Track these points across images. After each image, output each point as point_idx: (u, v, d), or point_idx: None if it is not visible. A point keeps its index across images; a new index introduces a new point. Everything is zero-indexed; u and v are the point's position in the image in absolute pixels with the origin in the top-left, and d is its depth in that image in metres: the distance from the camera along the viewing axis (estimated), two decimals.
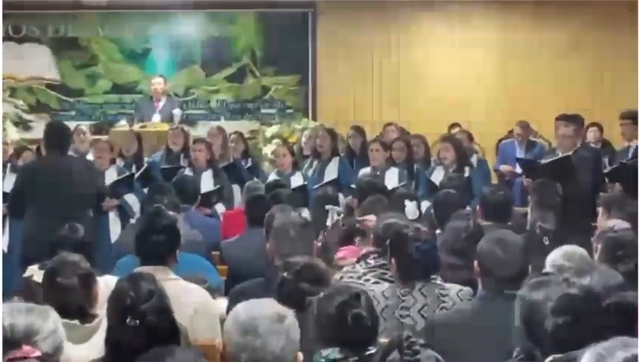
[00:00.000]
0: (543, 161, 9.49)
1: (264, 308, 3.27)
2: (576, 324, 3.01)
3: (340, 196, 9.28)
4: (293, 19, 14.89)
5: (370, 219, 6.23)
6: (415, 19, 14.78)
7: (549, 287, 3.22)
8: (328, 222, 7.74)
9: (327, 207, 7.80)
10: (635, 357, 2.24)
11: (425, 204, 8.76)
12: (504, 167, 11.88)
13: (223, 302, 5.04)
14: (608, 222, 5.45)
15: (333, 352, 3.45)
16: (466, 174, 9.80)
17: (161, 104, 12.31)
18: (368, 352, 3.45)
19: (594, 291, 3.06)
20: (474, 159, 10.98)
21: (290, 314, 3.28)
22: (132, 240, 5.02)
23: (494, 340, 3.94)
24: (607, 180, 9.51)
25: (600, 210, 6.78)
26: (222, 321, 4.76)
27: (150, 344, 3.39)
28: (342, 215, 8.07)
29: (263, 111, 14.83)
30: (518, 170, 10.43)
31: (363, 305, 3.54)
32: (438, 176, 9.67)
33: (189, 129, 11.90)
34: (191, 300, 4.67)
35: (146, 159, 10.43)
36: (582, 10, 14.41)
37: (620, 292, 3.16)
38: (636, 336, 2.90)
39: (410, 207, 7.47)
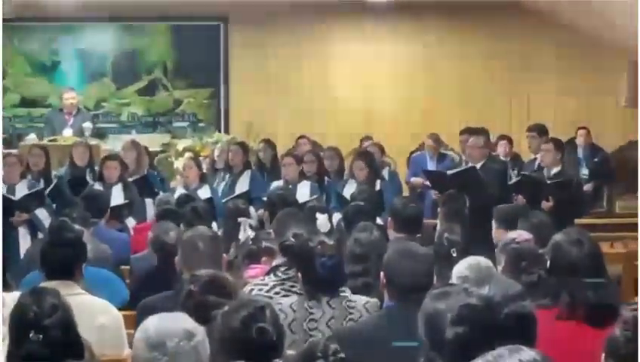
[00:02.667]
0: (449, 172, 9.63)
1: (174, 325, 3.25)
2: (476, 334, 3.05)
3: (252, 209, 9.29)
4: (205, 32, 14.86)
5: None
6: (326, 32, 14.86)
7: (449, 298, 3.27)
8: (240, 235, 7.74)
9: (240, 219, 7.80)
10: None
11: (337, 217, 8.82)
12: (415, 180, 11.97)
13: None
14: (510, 234, 5.53)
15: None
16: (378, 187, 9.88)
17: (72, 117, 12.20)
18: None
19: (493, 301, 3.11)
20: (385, 172, 11.06)
21: (200, 331, 3.26)
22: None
23: (402, 351, 3.97)
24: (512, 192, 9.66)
25: (494, 223, 6.87)
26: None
27: (53, 358, 3.36)
28: (254, 227, 8.08)
29: (175, 124, 14.76)
30: (430, 184, 10.53)
31: (268, 318, 3.53)
32: (350, 189, 9.72)
33: (99, 143, 11.80)
34: (97, 314, 4.64)
35: (54, 173, 10.31)
36: (492, 23, 14.61)
37: (519, 301, 3.21)
38: (533, 345, 2.96)
39: (321, 219, 7.47)
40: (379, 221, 8.16)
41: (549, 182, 9.42)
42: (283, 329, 3.64)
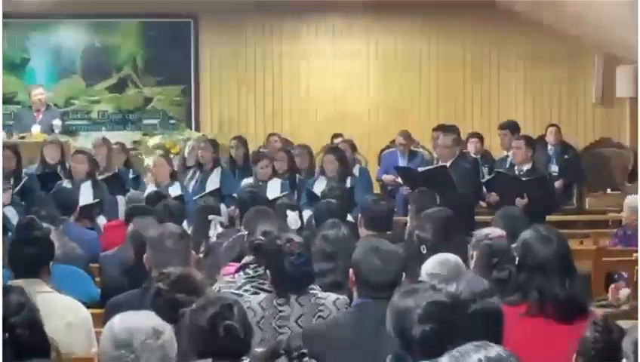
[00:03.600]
0: (420, 169, 9.66)
1: (140, 322, 3.24)
2: (443, 330, 3.06)
3: (223, 206, 9.28)
4: (176, 29, 14.79)
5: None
6: (297, 29, 14.83)
7: (417, 294, 3.27)
8: (211, 233, 7.73)
9: (210, 217, 7.79)
10: (488, 358, 2.31)
11: (308, 213, 8.81)
12: (386, 177, 11.97)
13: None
14: (484, 230, 5.54)
15: None
16: (349, 184, 9.89)
17: (41, 115, 12.14)
18: None
19: (460, 298, 3.12)
20: (356, 169, 11.07)
21: (167, 329, 3.25)
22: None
23: (370, 347, 3.97)
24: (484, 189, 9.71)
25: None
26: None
27: (19, 357, 3.34)
28: (225, 225, 8.07)
29: (145, 121, 14.67)
30: (401, 181, 10.56)
31: (235, 316, 3.53)
32: (320, 186, 9.74)
33: (68, 140, 11.74)
34: (65, 312, 4.61)
35: (24, 171, 10.26)
36: (464, 22, 14.62)
37: (486, 298, 3.22)
38: (500, 341, 2.97)
39: (291, 216, 7.48)
40: (350, 218, 8.17)
41: (523, 179, 9.47)
42: (251, 326, 3.65)
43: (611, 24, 12.05)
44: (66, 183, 9.69)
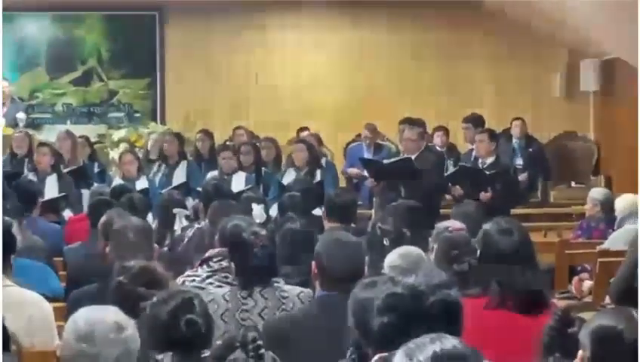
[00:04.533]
0: (385, 161, 9.69)
1: (104, 317, 3.23)
2: (402, 322, 3.08)
3: (190, 200, 9.28)
4: (141, 22, 14.72)
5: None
6: (263, 23, 14.80)
7: (377, 287, 3.28)
8: (176, 226, 7.71)
9: (175, 210, 7.78)
10: (443, 350, 2.33)
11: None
12: (352, 170, 11.99)
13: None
14: (443, 223, 5.57)
15: (167, 357, 3.44)
16: (318, 177, 9.91)
17: (5, 108, 12.07)
18: (203, 355, 3.45)
19: (418, 289, 3.14)
20: (322, 162, 11.09)
21: (131, 324, 3.25)
22: None
23: (332, 340, 3.98)
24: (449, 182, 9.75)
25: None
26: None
27: None
28: (190, 218, 8.06)
29: (110, 115, 14.61)
30: (366, 173, 10.58)
31: (196, 309, 3.53)
32: (289, 179, 9.75)
33: (34, 133, 11.69)
34: (26, 306, 4.59)
35: None
36: (427, 18, 14.65)
37: (444, 290, 3.24)
38: (459, 333, 2.99)
39: (257, 210, 7.47)
40: (319, 212, 8.16)
41: (487, 172, 9.51)
42: (212, 320, 3.65)
43: (576, 21, 12.12)
44: (31, 176, 9.64)
